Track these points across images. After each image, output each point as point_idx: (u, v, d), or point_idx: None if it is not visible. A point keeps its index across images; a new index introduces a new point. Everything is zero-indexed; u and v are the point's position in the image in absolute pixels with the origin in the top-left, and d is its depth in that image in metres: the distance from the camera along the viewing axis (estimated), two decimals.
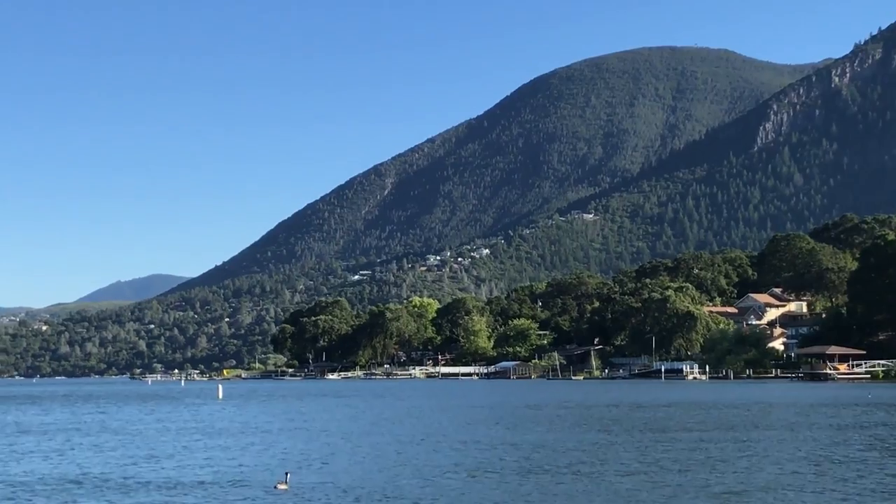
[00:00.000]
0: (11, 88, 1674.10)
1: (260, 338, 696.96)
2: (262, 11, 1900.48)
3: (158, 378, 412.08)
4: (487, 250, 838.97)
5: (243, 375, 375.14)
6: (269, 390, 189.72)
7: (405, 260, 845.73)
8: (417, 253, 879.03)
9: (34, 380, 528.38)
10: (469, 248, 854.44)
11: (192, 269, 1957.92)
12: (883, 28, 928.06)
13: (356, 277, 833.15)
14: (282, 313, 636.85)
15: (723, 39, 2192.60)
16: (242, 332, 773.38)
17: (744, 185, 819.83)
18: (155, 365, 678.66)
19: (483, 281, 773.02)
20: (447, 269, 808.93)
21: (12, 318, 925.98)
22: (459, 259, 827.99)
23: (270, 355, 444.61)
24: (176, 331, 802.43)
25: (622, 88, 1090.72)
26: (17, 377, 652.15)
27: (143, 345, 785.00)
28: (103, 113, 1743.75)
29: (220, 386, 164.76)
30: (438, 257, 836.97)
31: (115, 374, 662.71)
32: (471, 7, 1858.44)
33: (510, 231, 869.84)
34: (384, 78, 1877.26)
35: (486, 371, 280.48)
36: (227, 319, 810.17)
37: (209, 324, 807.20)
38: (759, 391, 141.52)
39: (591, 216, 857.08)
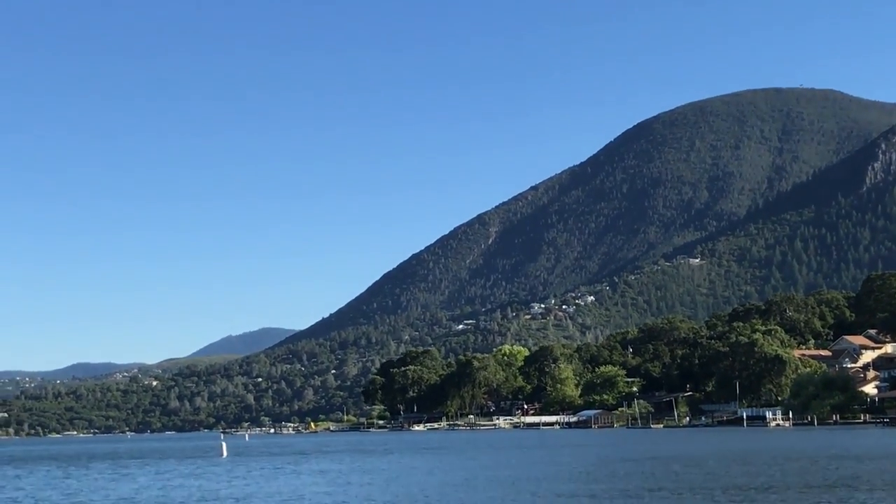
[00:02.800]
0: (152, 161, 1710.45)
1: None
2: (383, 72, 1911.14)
3: (257, 431, 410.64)
4: (592, 297, 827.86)
5: (332, 428, 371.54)
6: (316, 445, 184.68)
7: (509, 308, 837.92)
8: (522, 301, 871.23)
9: (128, 435, 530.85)
10: (574, 295, 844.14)
11: (301, 321, 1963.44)
12: None
13: (461, 327, 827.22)
14: None
15: (828, 79, 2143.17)
16: (349, 383, 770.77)
17: (853, 225, 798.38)
18: (263, 418, 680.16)
19: (588, 328, 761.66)
20: (552, 317, 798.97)
21: (125, 374, 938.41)
22: (564, 306, 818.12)
23: (374, 407, 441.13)
24: (283, 384, 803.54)
25: (727, 131, 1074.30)
26: (128, 433, 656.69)
27: (250, 398, 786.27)
28: (210, 180, 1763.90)
29: (224, 444, 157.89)
30: (543, 305, 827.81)
31: (222, 429, 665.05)
32: (571, 54, 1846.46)
33: (615, 277, 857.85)
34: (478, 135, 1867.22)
35: (567, 420, 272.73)
36: (333, 371, 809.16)
37: (316, 376, 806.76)
38: (844, 439, 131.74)
39: (696, 261, 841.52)
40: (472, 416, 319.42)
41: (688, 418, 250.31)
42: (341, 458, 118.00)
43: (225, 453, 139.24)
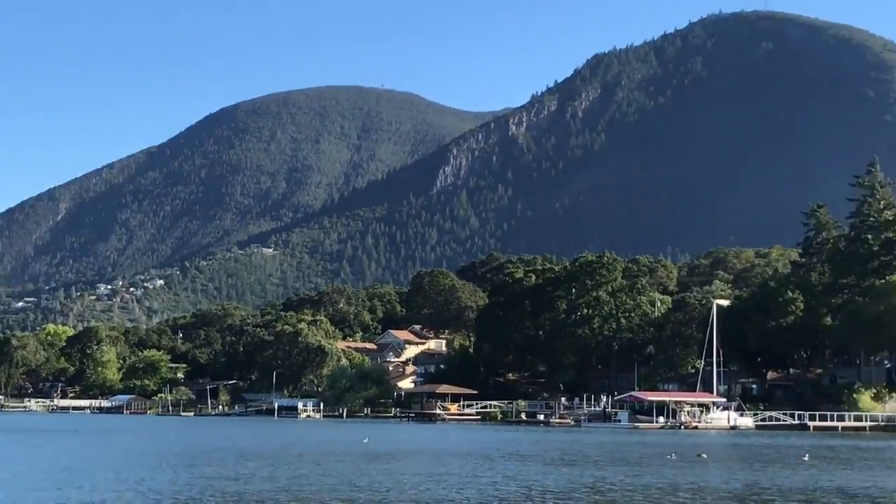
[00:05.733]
0: None
1: None
2: None
3: None
4: (162, 281, 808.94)
5: None
6: None
7: (74, 288, 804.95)
8: (88, 281, 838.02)
9: None
10: (143, 278, 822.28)
11: None
12: (559, 81, 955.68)
13: (20, 304, 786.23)
14: None
15: (409, 83, 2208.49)
16: None
17: (422, 226, 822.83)
18: None
19: (156, 312, 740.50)
20: (118, 299, 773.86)
21: None
22: (132, 289, 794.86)
23: None
24: None
25: (308, 125, 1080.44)
26: None
27: None
28: None
29: None
30: (110, 286, 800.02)
31: None
32: (156, 33, 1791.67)
33: (187, 262, 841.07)
34: (56, 99, 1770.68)
35: (100, 405, 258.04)
36: None
37: None
38: (338, 432, 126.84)
39: (270, 250, 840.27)
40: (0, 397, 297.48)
41: (225, 407, 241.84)
42: None
43: None
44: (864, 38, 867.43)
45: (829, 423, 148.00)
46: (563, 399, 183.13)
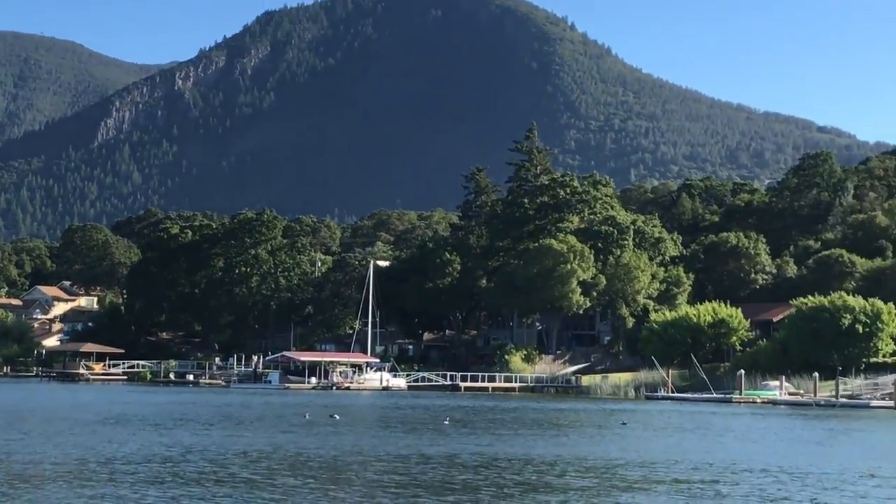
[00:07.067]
0: None
1: None
2: None
3: None
4: None
5: None
6: None
7: None
8: None
9: None
10: None
11: None
12: (228, 37, 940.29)
13: None
14: None
15: (70, 31, 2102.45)
16: None
17: (82, 180, 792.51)
18: None
19: None
20: None
21: None
22: None
23: None
24: None
25: None
26: None
27: None
28: None
29: None
30: None
31: None
32: None
33: None
34: None
35: None
36: None
37: None
38: None
39: None
40: None
41: None
42: None
43: None
44: (529, 10, 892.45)
45: (480, 384, 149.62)
46: (217, 359, 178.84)
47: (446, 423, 71.53)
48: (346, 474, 37.84)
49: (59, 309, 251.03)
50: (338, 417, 74.26)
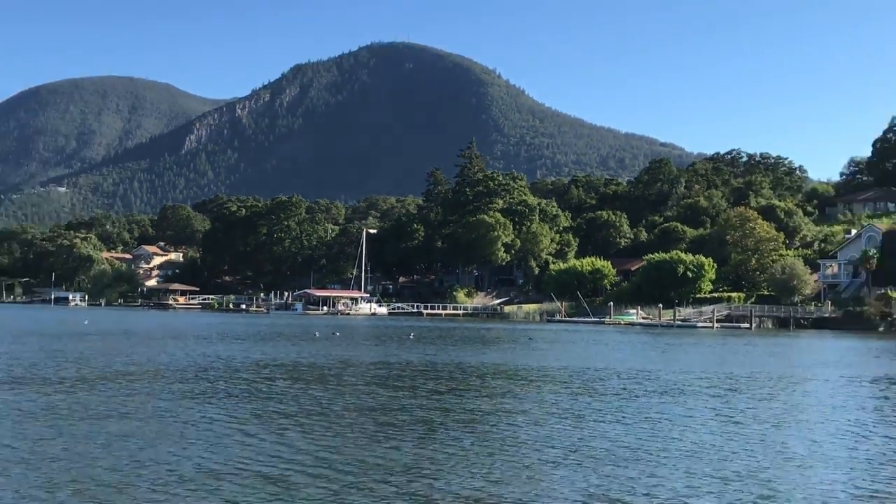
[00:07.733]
0: None
1: None
2: None
3: None
4: None
5: None
6: None
7: None
8: None
9: None
10: None
11: None
12: (271, 81, 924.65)
13: None
14: None
15: (166, 75, 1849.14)
16: None
17: (173, 175, 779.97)
18: None
19: None
20: None
21: None
22: None
23: None
24: None
25: (92, 102, 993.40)
26: None
27: None
28: None
29: None
30: None
31: None
32: None
33: (2, 195, 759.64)
34: None
35: None
36: None
37: None
38: (78, 315, 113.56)
39: (63, 189, 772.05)
40: None
41: (18, 298, 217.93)
42: None
43: None
44: (470, 64, 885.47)
45: (436, 312, 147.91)
46: (261, 295, 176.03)
47: (411, 337, 69.49)
48: (327, 377, 35.45)
49: (157, 261, 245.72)
50: (338, 335, 71.91)
